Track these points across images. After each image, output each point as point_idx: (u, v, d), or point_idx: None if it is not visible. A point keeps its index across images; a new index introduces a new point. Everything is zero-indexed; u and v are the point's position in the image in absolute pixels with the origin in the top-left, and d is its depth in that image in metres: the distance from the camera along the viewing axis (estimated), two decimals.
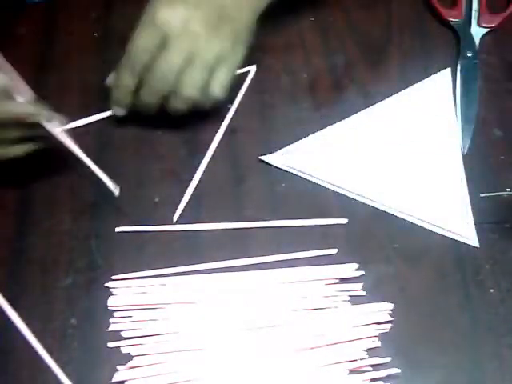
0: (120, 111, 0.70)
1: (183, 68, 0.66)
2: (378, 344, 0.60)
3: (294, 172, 0.69)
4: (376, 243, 0.65)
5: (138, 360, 0.59)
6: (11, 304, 0.62)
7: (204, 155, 0.69)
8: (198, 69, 0.66)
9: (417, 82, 0.74)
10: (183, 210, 0.67)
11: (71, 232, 0.66)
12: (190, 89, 0.66)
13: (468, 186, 0.68)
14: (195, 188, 0.68)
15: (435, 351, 0.60)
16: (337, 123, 0.72)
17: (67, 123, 0.65)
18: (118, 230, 0.66)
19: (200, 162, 0.69)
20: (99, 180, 0.67)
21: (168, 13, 0.65)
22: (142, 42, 0.65)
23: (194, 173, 0.69)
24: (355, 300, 0.62)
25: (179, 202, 0.67)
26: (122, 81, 0.68)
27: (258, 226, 0.66)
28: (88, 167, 0.65)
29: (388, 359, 0.59)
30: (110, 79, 0.70)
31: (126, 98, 0.68)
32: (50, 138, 0.64)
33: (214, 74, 0.67)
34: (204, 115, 0.70)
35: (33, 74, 0.73)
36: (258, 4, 0.69)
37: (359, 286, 0.63)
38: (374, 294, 0.62)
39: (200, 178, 0.68)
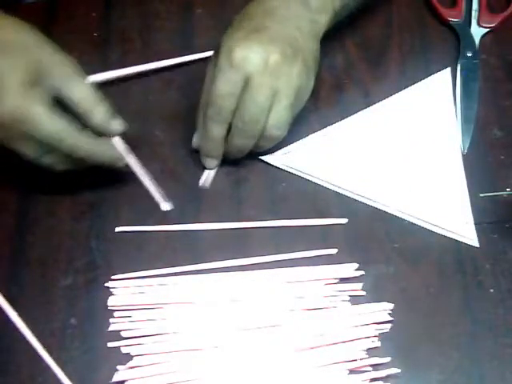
0: (213, 163, 0.68)
1: (270, 106, 0.63)
2: (378, 344, 0.60)
3: (294, 172, 0.69)
4: (376, 243, 0.65)
5: (138, 360, 0.59)
6: (11, 304, 0.62)
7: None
8: (284, 106, 0.64)
9: (417, 81, 0.74)
10: (183, 210, 0.67)
11: (71, 232, 0.66)
12: (280, 128, 0.65)
13: (468, 185, 0.68)
14: (195, 188, 0.68)
15: (435, 351, 0.60)
16: (337, 123, 0.72)
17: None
18: (117, 229, 0.66)
19: (200, 162, 0.69)
20: (99, 180, 0.68)
21: (245, 51, 0.62)
22: (225, 87, 0.62)
23: (194, 173, 0.69)
24: (355, 300, 0.62)
25: (179, 202, 0.67)
26: (211, 132, 0.65)
27: (257, 225, 0.66)
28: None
29: (388, 359, 0.59)
30: (196, 140, 0.68)
31: (218, 148, 0.66)
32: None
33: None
34: None
35: None
36: (318, 31, 0.67)
37: (359, 285, 0.63)
38: (373, 294, 0.62)
39: (200, 178, 0.69)
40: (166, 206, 0.66)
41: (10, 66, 0.59)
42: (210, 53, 0.73)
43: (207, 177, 0.68)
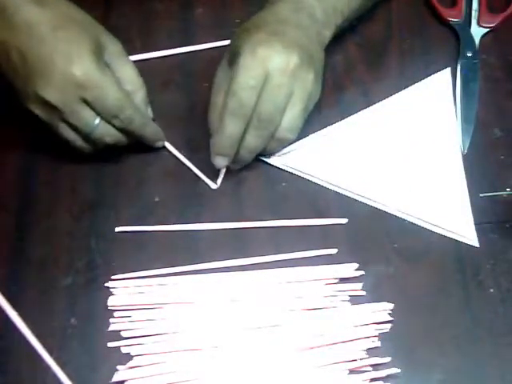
0: (224, 162, 0.66)
1: (285, 108, 0.64)
2: (378, 344, 0.60)
3: (294, 172, 0.69)
4: (376, 243, 0.65)
5: (138, 360, 0.59)
6: (11, 304, 0.62)
7: (204, 155, 0.69)
8: (299, 110, 0.65)
9: (417, 81, 0.74)
10: (183, 210, 0.67)
11: (71, 232, 0.66)
12: (292, 131, 0.66)
13: (468, 185, 0.68)
14: (195, 188, 0.68)
15: (435, 351, 0.60)
16: (337, 123, 0.72)
17: None
18: (117, 229, 0.66)
19: (200, 162, 0.69)
20: (99, 180, 0.68)
21: (269, 50, 0.63)
22: (248, 80, 0.62)
23: (194, 173, 0.69)
24: (355, 300, 0.62)
25: (179, 202, 0.67)
26: (228, 128, 0.63)
27: (257, 225, 0.66)
28: None
29: (388, 359, 0.59)
30: (219, 161, 0.66)
31: (232, 146, 0.65)
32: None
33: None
34: (203, 116, 0.70)
35: None
36: (323, 43, 0.69)
37: (359, 285, 0.63)
38: (373, 294, 0.62)
39: (199, 178, 0.69)
40: (213, 184, 0.67)
41: (79, 36, 0.63)
42: (210, 44, 0.75)
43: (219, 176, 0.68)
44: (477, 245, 0.65)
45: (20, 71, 0.62)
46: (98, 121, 0.63)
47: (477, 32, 0.78)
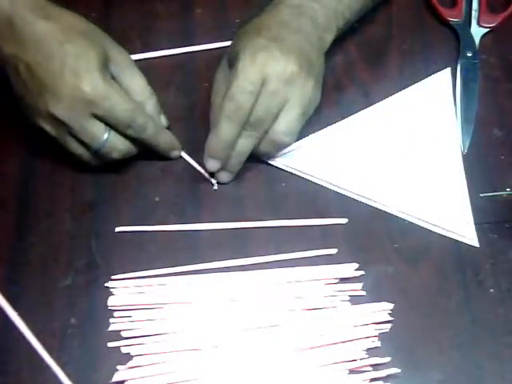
0: (216, 166, 0.66)
1: (278, 112, 0.64)
2: (378, 344, 0.60)
3: (294, 172, 0.69)
4: (376, 243, 0.65)
5: (138, 360, 0.59)
6: (11, 304, 0.62)
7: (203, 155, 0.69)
8: (297, 114, 0.65)
9: (417, 81, 0.74)
10: (183, 210, 0.67)
11: (71, 232, 0.66)
12: (288, 135, 0.66)
13: (468, 185, 0.68)
14: (195, 188, 0.68)
15: (435, 351, 0.60)
16: (337, 123, 0.72)
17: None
18: (117, 229, 0.66)
19: (200, 162, 0.69)
20: (99, 180, 0.68)
21: (267, 56, 0.63)
22: (246, 85, 0.63)
23: (195, 172, 0.69)
24: (355, 300, 0.62)
25: (179, 202, 0.67)
26: (223, 131, 0.64)
27: (257, 225, 0.66)
28: None
29: (388, 359, 0.59)
30: (212, 163, 0.65)
31: (225, 150, 0.65)
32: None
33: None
34: (203, 116, 0.70)
35: None
36: (324, 47, 0.69)
37: (359, 285, 0.63)
38: (373, 294, 0.62)
39: (200, 178, 0.69)
40: (215, 184, 0.68)
41: (87, 50, 0.63)
42: (210, 45, 0.76)
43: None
44: (477, 245, 0.65)
45: (29, 86, 0.63)
46: (106, 136, 0.63)
47: (477, 32, 0.78)
